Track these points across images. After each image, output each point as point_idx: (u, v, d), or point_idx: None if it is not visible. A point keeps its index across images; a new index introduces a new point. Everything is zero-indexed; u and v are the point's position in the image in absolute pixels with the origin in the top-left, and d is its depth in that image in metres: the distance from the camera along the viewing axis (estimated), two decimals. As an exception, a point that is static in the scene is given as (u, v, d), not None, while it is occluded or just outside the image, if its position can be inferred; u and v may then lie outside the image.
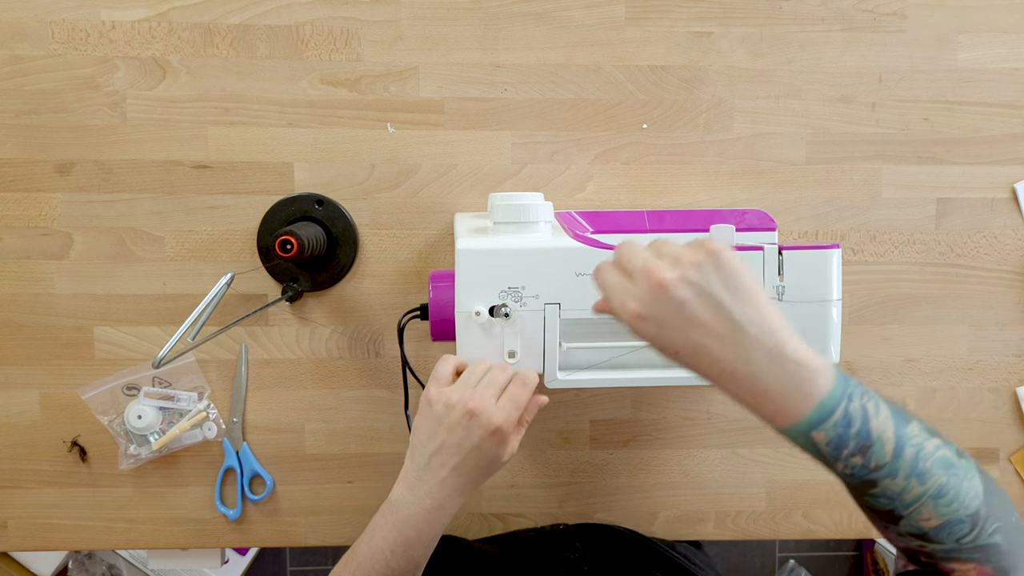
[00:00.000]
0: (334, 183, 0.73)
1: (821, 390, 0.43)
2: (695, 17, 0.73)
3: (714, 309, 0.43)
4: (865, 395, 0.44)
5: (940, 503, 0.43)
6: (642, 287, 0.44)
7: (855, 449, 0.43)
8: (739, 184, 0.75)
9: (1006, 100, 0.75)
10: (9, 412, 0.74)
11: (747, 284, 0.43)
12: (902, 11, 0.74)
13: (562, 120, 0.74)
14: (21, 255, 0.73)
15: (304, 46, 0.72)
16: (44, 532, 0.76)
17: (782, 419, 0.44)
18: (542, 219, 0.62)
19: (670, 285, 0.43)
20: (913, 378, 0.78)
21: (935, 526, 0.44)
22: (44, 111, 0.71)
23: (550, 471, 0.78)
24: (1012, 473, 0.79)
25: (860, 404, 0.43)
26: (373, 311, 0.74)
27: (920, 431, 0.44)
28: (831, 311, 0.62)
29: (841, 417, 0.43)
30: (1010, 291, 0.77)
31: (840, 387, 0.43)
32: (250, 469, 0.75)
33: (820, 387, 0.43)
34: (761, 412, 0.45)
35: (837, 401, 0.43)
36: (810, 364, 0.43)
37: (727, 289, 0.43)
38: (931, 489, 0.43)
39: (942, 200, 0.76)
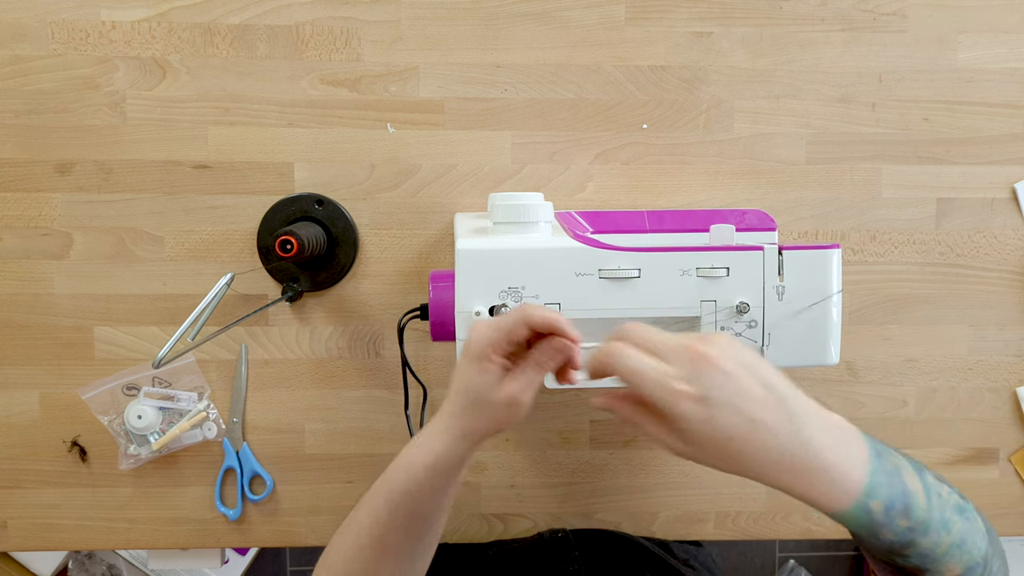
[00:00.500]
0: (334, 183, 0.73)
1: (865, 454, 0.41)
2: (695, 17, 0.73)
3: (759, 380, 0.39)
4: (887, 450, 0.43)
5: (962, 551, 0.42)
6: (684, 364, 0.39)
7: (901, 508, 0.41)
8: (739, 184, 0.75)
9: (1006, 100, 0.75)
10: (9, 412, 0.74)
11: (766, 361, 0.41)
12: (902, 11, 0.74)
13: (562, 120, 0.74)
14: (21, 255, 0.73)
15: (304, 46, 0.72)
16: (44, 532, 0.76)
17: (843, 496, 0.40)
18: (542, 219, 0.62)
19: (716, 358, 0.39)
20: (913, 378, 0.78)
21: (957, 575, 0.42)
22: (44, 111, 0.71)
23: (550, 471, 0.78)
24: (1012, 473, 0.79)
25: (892, 462, 0.42)
26: (373, 311, 0.75)
27: (935, 480, 0.43)
28: (831, 311, 0.62)
29: (884, 475, 0.41)
30: (1010, 291, 0.77)
31: (871, 445, 0.41)
32: (250, 469, 0.75)
33: (863, 450, 0.41)
34: (820, 491, 0.40)
35: (876, 461, 0.41)
36: (846, 426, 0.41)
37: (758, 362, 0.40)
38: (956, 539, 0.42)
39: (942, 200, 0.76)
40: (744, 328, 0.62)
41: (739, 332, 0.62)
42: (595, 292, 0.60)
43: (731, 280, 0.61)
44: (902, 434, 0.78)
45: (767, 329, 0.62)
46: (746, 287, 0.61)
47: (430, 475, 0.49)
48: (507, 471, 0.77)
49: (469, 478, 0.77)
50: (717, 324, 0.61)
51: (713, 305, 0.61)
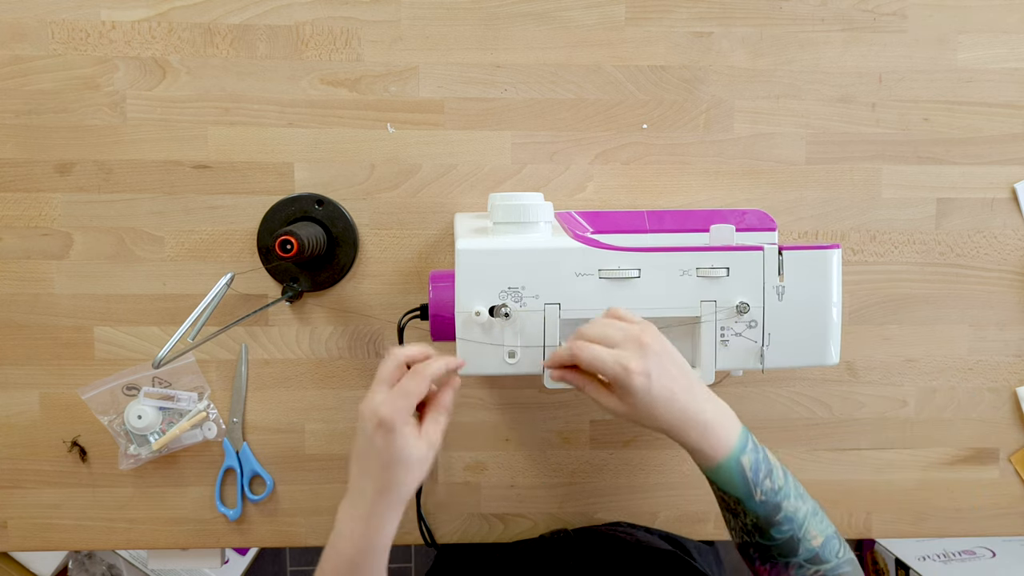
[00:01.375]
0: (334, 183, 0.73)
1: (736, 423, 0.55)
2: (695, 17, 0.73)
3: (674, 362, 0.54)
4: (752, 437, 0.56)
5: (816, 520, 0.55)
6: (633, 349, 0.53)
7: (766, 471, 0.54)
8: (739, 184, 0.75)
9: (1006, 100, 0.75)
10: (9, 412, 0.74)
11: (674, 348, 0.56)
12: (902, 11, 0.74)
13: (562, 120, 0.74)
14: (21, 255, 0.73)
15: (304, 46, 0.72)
16: (44, 532, 0.76)
17: (723, 449, 0.54)
18: (542, 219, 0.62)
19: (651, 345, 0.53)
20: (913, 378, 0.78)
21: (820, 544, 0.55)
22: (44, 111, 0.71)
23: (550, 471, 0.78)
24: (1012, 473, 0.79)
25: (756, 441, 0.56)
26: (373, 311, 0.74)
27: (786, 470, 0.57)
28: (831, 311, 0.62)
29: (751, 444, 0.55)
30: (1010, 291, 0.77)
31: (741, 425, 0.55)
32: (250, 469, 0.75)
33: (735, 420, 0.55)
34: (706, 445, 0.54)
35: (746, 432, 0.55)
36: (723, 402, 0.56)
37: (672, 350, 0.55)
38: (810, 508, 0.55)
39: (942, 200, 0.76)
40: (744, 328, 0.62)
41: (739, 332, 0.62)
42: (595, 292, 0.60)
43: (731, 280, 0.61)
44: (902, 434, 0.78)
45: (767, 329, 0.62)
46: (746, 287, 0.61)
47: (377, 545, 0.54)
48: (507, 471, 0.77)
49: (469, 478, 0.77)
50: (717, 324, 0.61)
51: (713, 305, 0.61)
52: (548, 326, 0.60)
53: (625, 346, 0.53)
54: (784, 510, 0.54)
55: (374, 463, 0.53)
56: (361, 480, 0.54)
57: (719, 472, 0.54)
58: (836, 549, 0.56)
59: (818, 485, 0.78)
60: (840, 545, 0.56)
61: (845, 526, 0.79)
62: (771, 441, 0.78)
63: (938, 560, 1.41)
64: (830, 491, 0.79)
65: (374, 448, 0.52)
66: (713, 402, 0.55)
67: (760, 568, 0.58)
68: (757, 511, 0.55)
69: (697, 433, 0.54)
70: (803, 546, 0.55)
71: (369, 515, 0.53)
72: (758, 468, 0.54)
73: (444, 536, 0.78)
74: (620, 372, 0.52)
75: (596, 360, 0.53)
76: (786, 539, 0.55)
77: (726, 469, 0.54)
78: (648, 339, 0.53)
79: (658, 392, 0.53)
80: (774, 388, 0.77)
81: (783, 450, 0.78)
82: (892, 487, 0.79)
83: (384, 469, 0.53)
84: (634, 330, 0.54)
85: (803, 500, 0.56)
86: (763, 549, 0.56)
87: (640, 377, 0.52)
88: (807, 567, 0.55)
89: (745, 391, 0.77)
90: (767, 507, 0.54)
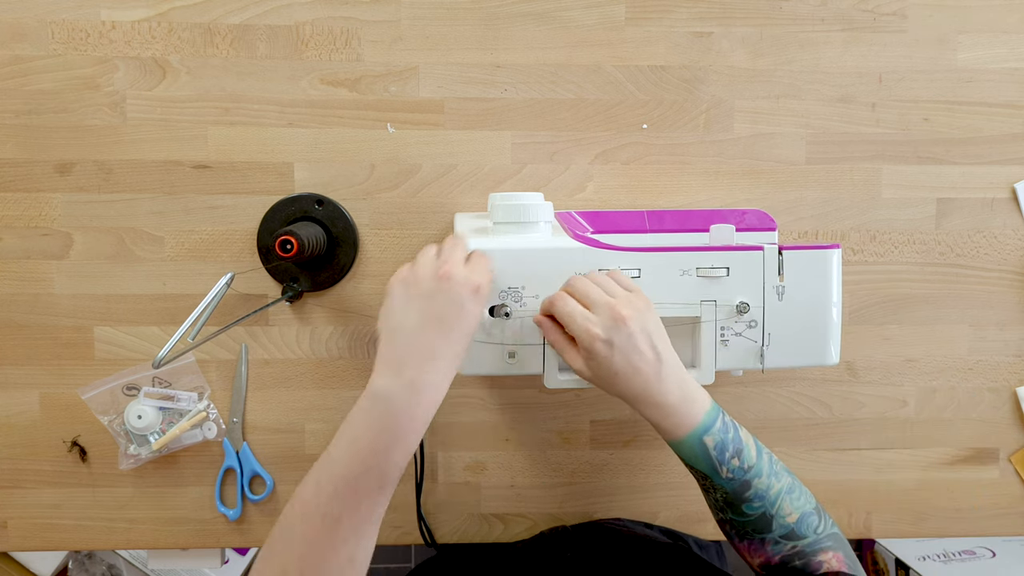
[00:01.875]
0: (334, 183, 0.73)
1: (705, 406, 0.56)
2: (695, 17, 0.73)
3: (650, 345, 0.54)
4: (732, 422, 0.57)
5: (793, 497, 0.56)
6: (604, 317, 0.54)
7: (733, 452, 0.55)
8: (739, 184, 0.75)
9: (1006, 100, 0.75)
10: (9, 412, 0.74)
11: (663, 330, 0.56)
12: (902, 11, 0.74)
13: (562, 120, 0.74)
14: (21, 255, 0.73)
15: (304, 46, 0.72)
16: (44, 532, 0.76)
17: (683, 428, 0.55)
18: (542, 219, 0.62)
19: (628, 319, 0.54)
20: (913, 378, 0.78)
21: (795, 520, 0.55)
22: (44, 111, 0.71)
23: (550, 471, 0.78)
24: (1012, 473, 0.79)
25: (729, 419, 0.57)
26: (373, 311, 0.74)
27: (769, 452, 0.58)
28: (831, 311, 0.62)
29: (721, 425, 0.56)
30: (1010, 291, 0.77)
31: (714, 406, 0.56)
32: (250, 469, 0.75)
33: (704, 404, 0.56)
34: (666, 424, 0.55)
35: (716, 413, 0.56)
36: (695, 388, 0.56)
37: (656, 333, 0.55)
38: (785, 485, 0.56)
39: (942, 200, 0.76)
40: (744, 328, 0.62)
41: (739, 332, 0.62)
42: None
43: (731, 280, 0.61)
44: (902, 434, 0.78)
45: (767, 329, 0.62)
46: (746, 287, 0.61)
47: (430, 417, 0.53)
48: (507, 471, 0.77)
49: (469, 478, 0.77)
50: (717, 324, 0.61)
51: (713, 305, 0.61)
52: (548, 326, 0.60)
53: (599, 311, 0.54)
54: (754, 487, 0.55)
55: (460, 327, 0.53)
56: (429, 344, 0.52)
57: (681, 447, 0.56)
58: (815, 525, 0.56)
59: (818, 485, 0.78)
60: (821, 521, 0.57)
61: (845, 526, 0.79)
62: (771, 441, 0.78)
63: (938, 560, 1.41)
64: (830, 491, 0.79)
65: (465, 313, 0.53)
66: (682, 388, 0.55)
67: (739, 545, 0.58)
68: (726, 487, 0.56)
69: (656, 412, 0.55)
70: (776, 522, 0.56)
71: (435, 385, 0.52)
72: (724, 448, 0.55)
73: (444, 536, 0.78)
74: (583, 335, 0.54)
75: (566, 316, 0.55)
76: (759, 515, 0.56)
77: (687, 446, 0.56)
78: (625, 312, 0.54)
79: (620, 365, 0.54)
80: (774, 388, 0.77)
81: (783, 450, 0.78)
82: (892, 487, 0.79)
83: (466, 335, 0.54)
84: (615, 300, 0.54)
85: (776, 478, 0.56)
86: (738, 526, 0.57)
87: (602, 345, 0.53)
88: (783, 543, 0.56)
89: (745, 391, 0.77)
90: (735, 483, 0.56)
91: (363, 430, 0.51)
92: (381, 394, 0.51)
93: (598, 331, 0.53)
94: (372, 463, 0.50)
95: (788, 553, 0.55)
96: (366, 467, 0.50)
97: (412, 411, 0.51)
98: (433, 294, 0.53)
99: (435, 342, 0.52)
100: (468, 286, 0.53)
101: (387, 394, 0.51)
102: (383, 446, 0.50)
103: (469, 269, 0.55)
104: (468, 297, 0.53)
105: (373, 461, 0.50)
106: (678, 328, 0.62)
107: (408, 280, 0.54)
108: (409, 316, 0.53)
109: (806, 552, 0.55)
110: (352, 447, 0.51)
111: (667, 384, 0.55)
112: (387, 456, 0.50)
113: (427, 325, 0.52)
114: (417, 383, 0.51)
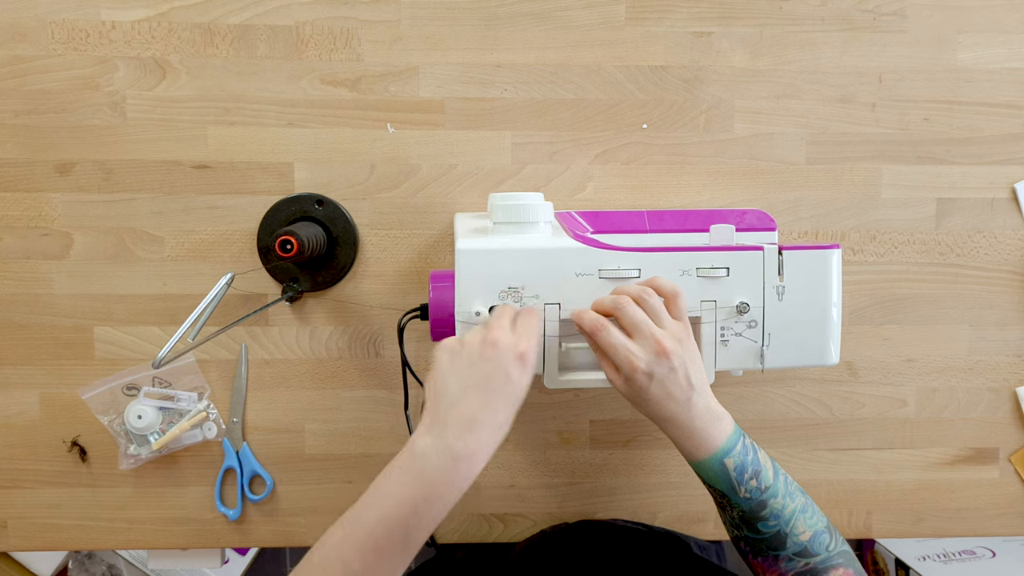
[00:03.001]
0: (334, 183, 0.73)
1: (728, 430, 0.57)
2: (695, 17, 0.73)
3: (686, 376, 0.56)
4: (748, 436, 0.59)
5: (806, 517, 0.58)
6: (648, 351, 0.55)
7: (752, 473, 0.57)
8: (739, 184, 0.75)
9: (1006, 100, 0.75)
10: (9, 412, 0.74)
11: (699, 358, 0.58)
12: (902, 11, 0.74)
13: (562, 120, 0.74)
14: (21, 255, 0.73)
15: (304, 46, 0.72)
16: (44, 532, 0.76)
17: (705, 450, 0.57)
18: (542, 219, 0.62)
19: (671, 354, 0.55)
20: (913, 378, 0.78)
21: (809, 538, 0.57)
22: (44, 111, 0.71)
23: (550, 471, 0.78)
24: (1012, 473, 0.79)
25: (749, 441, 0.58)
26: (373, 311, 0.74)
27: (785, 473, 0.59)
28: (831, 311, 0.62)
29: (742, 448, 0.57)
30: (1010, 291, 0.77)
31: (736, 430, 0.58)
32: (250, 469, 0.75)
33: (727, 427, 0.57)
34: (688, 444, 0.57)
35: (738, 437, 0.57)
36: (721, 412, 0.58)
37: (693, 363, 0.57)
38: (799, 505, 0.58)
39: (942, 200, 0.76)
40: (744, 328, 0.62)
41: (739, 332, 0.62)
42: (595, 292, 0.60)
43: (731, 280, 0.61)
44: (902, 434, 0.78)
45: (767, 329, 0.62)
46: (746, 287, 0.61)
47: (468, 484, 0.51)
48: (507, 471, 0.77)
49: (469, 478, 0.77)
50: (717, 324, 0.61)
51: (713, 305, 0.61)
52: (548, 326, 0.60)
53: (643, 343, 0.55)
54: (770, 507, 0.57)
55: (504, 396, 0.52)
56: (472, 411, 0.51)
57: (701, 467, 0.58)
58: (827, 543, 0.57)
59: (818, 485, 0.78)
60: (832, 539, 0.58)
61: (845, 526, 0.79)
62: (771, 441, 0.78)
63: (938, 560, 1.41)
64: (830, 491, 0.79)
65: (510, 381, 0.52)
66: (708, 413, 0.57)
67: (753, 562, 0.59)
68: (742, 505, 0.57)
69: (680, 433, 0.57)
70: (791, 540, 0.57)
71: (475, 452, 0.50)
72: (743, 469, 0.57)
73: (444, 536, 0.78)
74: (625, 364, 0.55)
75: (609, 347, 0.56)
76: (773, 533, 0.57)
77: (707, 467, 0.57)
78: (669, 346, 0.55)
79: (655, 393, 0.55)
80: (774, 388, 0.77)
81: (783, 450, 0.78)
82: (892, 487, 0.79)
83: (510, 403, 0.52)
84: (661, 333, 0.55)
85: (791, 498, 0.58)
86: (752, 543, 0.58)
87: (642, 376, 0.55)
88: (796, 560, 0.57)
89: (745, 391, 0.77)
90: (752, 503, 0.57)
91: (396, 487, 0.50)
92: (419, 453, 0.50)
93: (641, 364, 0.54)
94: (400, 521, 0.49)
95: (801, 570, 0.57)
96: (393, 524, 0.49)
97: (448, 476, 0.50)
98: (476, 362, 0.52)
99: (477, 410, 0.51)
100: (513, 353, 0.52)
101: (425, 454, 0.50)
102: (413, 507, 0.49)
103: (516, 334, 0.53)
104: (513, 365, 0.52)
105: (401, 519, 0.49)
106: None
107: (455, 348, 0.53)
108: (452, 383, 0.52)
109: (818, 569, 0.56)
110: (384, 501, 0.50)
111: (696, 410, 0.56)
112: (416, 517, 0.49)
113: (470, 392, 0.51)
114: (456, 449, 0.50)
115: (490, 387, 0.51)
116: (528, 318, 0.56)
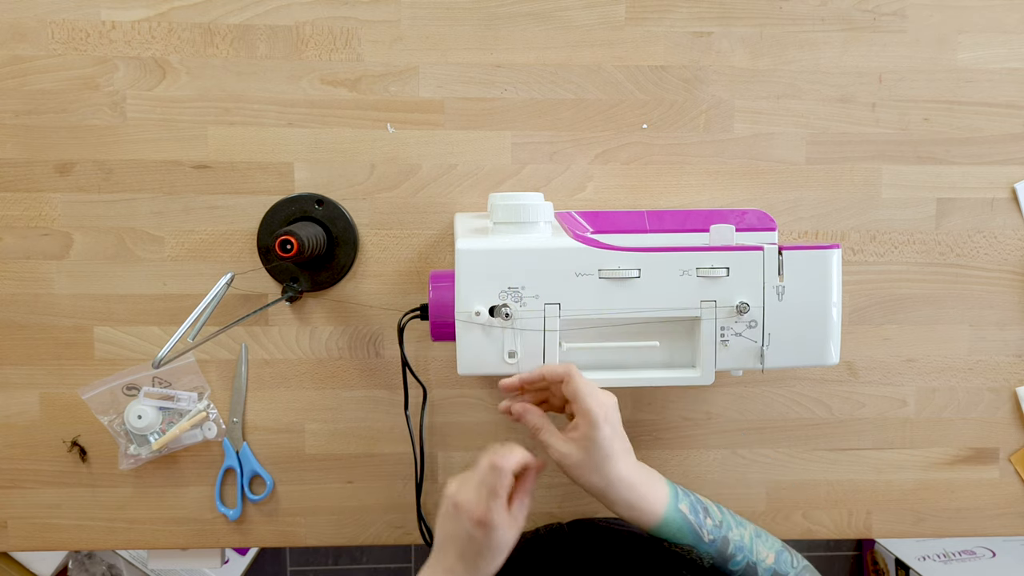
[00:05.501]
0: (334, 183, 0.73)
1: (662, 479, 0.59)
2: (695, 17, 0.73)
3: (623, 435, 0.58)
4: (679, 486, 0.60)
5: (761, 540, 0.59)
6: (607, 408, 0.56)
7: (702, 509, 0.58)
8: (739, 184, 0.75)
9: (1006, 100, 0.75)
10: (9, 412, 0.74)
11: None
12: (902, 11, 0.74)
13: (562, 120, 0.74)
14: (21, 255, 0.73)
15: (304, 46, 0.72)
16: (44, 532, 0.76)
17: (660, 504, 0.57)
18: (542, 219, 0.62)
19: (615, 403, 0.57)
20: (913, 378, 0.78)
21: (774, 561, 0.58)
22: (44, 111, 0.71)
23: (550, 471, 0.77)
24: (1012, 473, 0.79)
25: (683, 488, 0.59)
26: (373, 311, 0.75)
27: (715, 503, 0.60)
28: (831, 311, 0.62)
29: (681, 491, 0.59)
30: (1010, 291, 0.77)
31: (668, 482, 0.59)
32: (250, 469, 0.75)
33: (661, 477, 0.59)
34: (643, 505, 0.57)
35: (673, 487, 0.58)
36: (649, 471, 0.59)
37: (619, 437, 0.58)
38: (752, 531, 0.59)
39: (942, 200, 0.76)
40: (744, 328, 0.62)
41: (739, 332, 0.62)
42: (595, 292, 0.60)
43: (731, 280, 0.61)
44: (902, 434, 0.78)
45: (767, 329, 0.62)
46: (746, 287, 0.61)
47: None
48: (507, 471, 0.77)
49: (469, 478, 0.77)
50: (717, 324, 0.61)
51: (713, 305, 0.61)
52: (548, 326, 0.60)
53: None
54: (732, 541, 0.58)
55: (471, 551, 0.54)
56: (447, 560, 0.55)
57: (665, 524, 0.57)
58: (790, 560, 0.59)
59: (818, 485, 0.78)
60: (791, 556, 0.60)
61: (845, 526, 0.79)
62: (771, 441, 0.78)
63: (938, 560, 1.41)
64: (830, 491, 0.79)
65: (473, 540, 0.54)
66: (642, 468, 0.59)
67: None
68: (711, 552, 0.58)
69: (632, 495, 0.57)
70: (760, 568, 0.58)
71: None
72: (696, 510, 0.58)
73: (444, 536, 0.78)
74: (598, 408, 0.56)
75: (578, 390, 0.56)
76: (743, 567, 0.58)
77: (669, 520, 0.57)
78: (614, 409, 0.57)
79: (615, 446, 0.56)
80: (774, 388, 0.77)
81: (783, 450, 0.78)
82: (892, 487, 0.79)
83: (480, 557, 0.55)
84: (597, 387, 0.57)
85: (742, 525, 0.59)
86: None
87: (607, 427, 0.56)
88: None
89: (745, 391, 0.77)
90: (716, 545, 0.58)
91: None
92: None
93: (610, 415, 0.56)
94: None
95: None
96: None
97: None
98: (446, 519, 0.55)
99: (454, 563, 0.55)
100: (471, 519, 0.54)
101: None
102: None
103: (477, 499, 0.54)
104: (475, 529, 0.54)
105: None
106: (678, 328, 0.63)
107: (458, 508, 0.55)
108: (439, 531, 0.56)
109: None
110: None
111: (635, 466, 0.58)
112: None
113: (447, 545, 0.55)
114: None
115: (459, 544, 0.54)
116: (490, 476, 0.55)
